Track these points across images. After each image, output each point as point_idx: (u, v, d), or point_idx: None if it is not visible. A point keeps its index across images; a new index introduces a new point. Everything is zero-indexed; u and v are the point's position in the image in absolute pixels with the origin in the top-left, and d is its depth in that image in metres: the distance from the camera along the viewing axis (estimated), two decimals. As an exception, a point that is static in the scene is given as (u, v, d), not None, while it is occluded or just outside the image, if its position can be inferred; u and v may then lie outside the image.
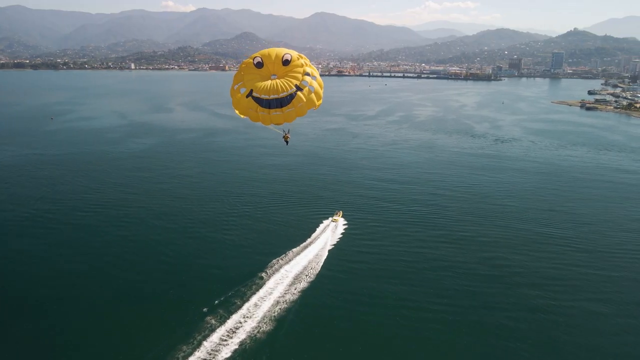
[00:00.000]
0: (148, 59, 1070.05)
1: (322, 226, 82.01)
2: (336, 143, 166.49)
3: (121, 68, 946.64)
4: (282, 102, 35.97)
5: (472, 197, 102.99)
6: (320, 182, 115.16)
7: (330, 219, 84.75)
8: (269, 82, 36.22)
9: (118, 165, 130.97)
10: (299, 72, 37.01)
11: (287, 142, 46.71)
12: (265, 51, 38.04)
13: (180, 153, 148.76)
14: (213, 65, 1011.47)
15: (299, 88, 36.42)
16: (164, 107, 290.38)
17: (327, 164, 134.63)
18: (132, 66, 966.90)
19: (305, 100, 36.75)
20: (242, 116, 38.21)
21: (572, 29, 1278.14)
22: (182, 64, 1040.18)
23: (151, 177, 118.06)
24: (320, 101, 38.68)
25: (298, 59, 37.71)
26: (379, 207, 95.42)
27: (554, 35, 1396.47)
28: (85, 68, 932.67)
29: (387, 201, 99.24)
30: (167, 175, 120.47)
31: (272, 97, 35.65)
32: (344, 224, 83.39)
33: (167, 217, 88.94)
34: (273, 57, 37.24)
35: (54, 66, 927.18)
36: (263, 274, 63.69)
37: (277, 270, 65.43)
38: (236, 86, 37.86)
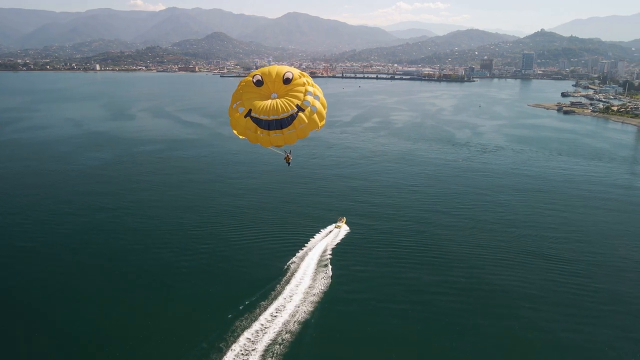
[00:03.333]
0: (115, 60, 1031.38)
1: (323, 233, 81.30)
2: (312, 154, 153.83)
3: (85, 69, 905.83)
4: (283, 123, 33.46)
5: (464, 213, 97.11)
6: (306, 192, 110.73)
7: (333, 225, 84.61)
8: (268, 102, 33.77)
9: (69, 181, 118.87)
10: (300, 92, 34.54)
11: (289, 163, 44.64)
12: (266, 69, 36.02)
13: (146, 164, 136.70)
14: (182, 66, 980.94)
15: (300, 108, 33.88)
16: (126, 113, 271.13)
17: (308, 175, 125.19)
18: (97, 67, 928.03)
19: (307, 121, 34.34)
20: (240, 137, 36.16)
21: (540, 30, 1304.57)
22: (151, 64, 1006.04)
23: (113, 194, 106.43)
24: (324, 122, 36.04)
25: (300, 77, 35.28)
26: (363, 225, 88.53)
27: (521, 36, 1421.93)
28: (47, 69, 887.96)
29: (372, 218, 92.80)
30: (134, 190, 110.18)
31: (271, 117, 33.21)
32: (345, 232, 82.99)
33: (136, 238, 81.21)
34: (273, 75, 34.99)
35: (12, 67, 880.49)
36: (270, 285, 63.25)
37: (287, 281, 64.61)
38: (234, 105, 35.52)
